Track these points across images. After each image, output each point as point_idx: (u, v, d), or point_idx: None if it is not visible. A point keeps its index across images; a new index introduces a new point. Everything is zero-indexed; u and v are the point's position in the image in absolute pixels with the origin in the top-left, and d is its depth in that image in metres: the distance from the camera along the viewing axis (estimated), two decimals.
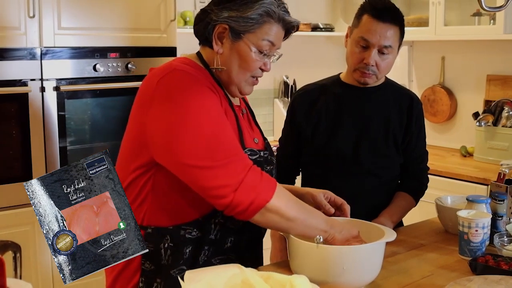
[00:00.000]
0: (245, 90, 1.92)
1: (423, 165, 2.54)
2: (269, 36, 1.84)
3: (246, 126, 1.97)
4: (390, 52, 2.31)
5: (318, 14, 5.03)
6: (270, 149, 2.05)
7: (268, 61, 1.90)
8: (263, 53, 1.85)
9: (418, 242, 2.26)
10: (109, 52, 3.37)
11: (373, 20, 2.29)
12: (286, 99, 4.84)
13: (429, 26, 4.32)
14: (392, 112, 2.43)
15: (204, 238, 1.86)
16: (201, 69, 1.86)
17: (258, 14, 1.82)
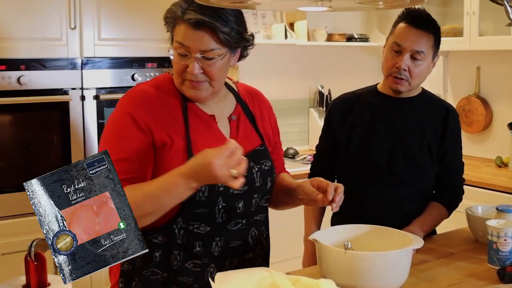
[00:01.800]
0: (188, 94, 1.90)
1: (458, 177, 2.55)
2: (178, 37, 1.83)
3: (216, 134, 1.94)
4: (423, 58, 2.34)
5: (353, 25, 5.06)
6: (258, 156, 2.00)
7: (193, 64, 1.82)
8: (180, 54, 1.84)
9: (447, 251, 2.28)
10: (147, 62, 3.46)
11: (407, 26, 2.35)
12: (321, 109, 4.87)
13: (463, 36, 4.32)
14: (427, 123, 2.45)
15: (172, 243, 1.89)
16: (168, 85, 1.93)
17: (167, 17, 1.87)
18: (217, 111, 1.99)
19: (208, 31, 1.81)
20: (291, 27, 4.61)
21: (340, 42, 4.80)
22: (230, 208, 1.91)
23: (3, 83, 3.07)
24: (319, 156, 2.62)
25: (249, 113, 2.07)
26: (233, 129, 2.00)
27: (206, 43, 1.81)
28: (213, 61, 1.83)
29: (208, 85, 1.88)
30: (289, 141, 4.85)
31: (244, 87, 2.15)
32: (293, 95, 4.88)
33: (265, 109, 2.16)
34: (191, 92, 1.88)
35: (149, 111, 1.86)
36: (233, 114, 2.02)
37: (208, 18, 1.78)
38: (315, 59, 4.94)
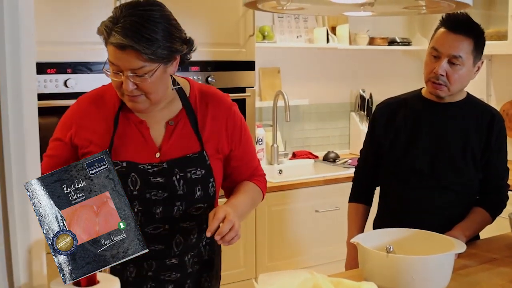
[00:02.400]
0: (129, 106, 1.93)
1: (503, 182, 2.52)
2: (109, 56, 1.84)
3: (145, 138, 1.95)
4: (461, 63, 2.32)
5: (395, 28, 5.04)
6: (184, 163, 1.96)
7: (126, 82, 1.82)
8: (113, 72, 1.84)
9: (490, 256, 2.26)
10: (190, 65, 3.50)
11: (445, 31, 2.34)
12: (362, 113, 4.86)
13: (508, 40, 4.28)
14: (471, 128, 2.43)
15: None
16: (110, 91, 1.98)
17: (98, 33, 1.86)
18: (154, 117, 1.98)
19: (133, 52, 1.79)
20: (333, 31, 4.62)
21: (382, 46, 4.79)
22: (147, 212, 1.92)
23: (50, 86, 3.14)
24: (363, 161, 2.63)
25: (193, 118, 2.02)
26: (167, 134, 1.98)
27: (133, 62, 1.80)
28: (145, 77, 1.83)
29: (145, 98, 1.88)
30: (330, 145, 4.86)
31: (201, 89, 2.09)
32: (334, 99, 4.89)
33: (222, 112, 2.07)
34: (130, 105, 1.91)
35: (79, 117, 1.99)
36: (173, 119, 2.00)
37: (130, 41, 1.76)
38: (357, 63, 4.94)
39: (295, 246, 3.96)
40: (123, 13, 1.79)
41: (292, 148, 4.67)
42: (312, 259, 3.99)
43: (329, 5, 1.40)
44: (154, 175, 1.92)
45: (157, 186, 1.92)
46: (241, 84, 3.70)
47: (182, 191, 1.95)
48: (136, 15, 1.79)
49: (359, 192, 2.63)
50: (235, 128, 2.09)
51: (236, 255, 3.74)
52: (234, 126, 2.09)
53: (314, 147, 4.80)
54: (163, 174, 1.93)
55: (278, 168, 4.37)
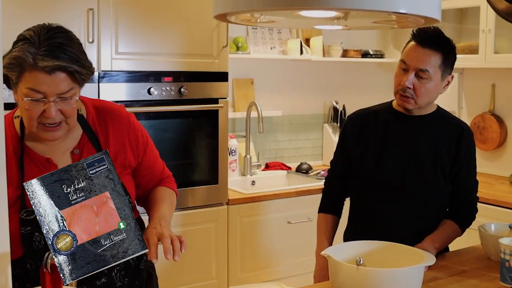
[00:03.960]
0: (45, 137, 1.84)
1: (472, 195, 2.54)
2: (31, 84, 1.73)
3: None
4: (428, 77, 2.34)
5: (369, 41, 5.08)
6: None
7: (50, 108, 1.76)
8: (34, 100, 1.75)
9: (460, 268, 2.28)
10: (163, 76, 3.49)
11: (415, 45, 2.37)
12: (335, 124, 4.89)
13: (479, 54, 4.33)
14: (441, 141, 2.45)
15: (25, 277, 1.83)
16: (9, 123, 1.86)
17: (11, 63, 1.74)
18: (57, 150, 1.91)
19: (64, 74, 1.75)
20: (306, 43, 4.64)
21: (355, 58, 4.82)
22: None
23: None
24: (333, 172, 2.64)
25: (95, 141, 1.96)
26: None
27: (63, 85, 1.76)
28: (71, 101, 1.80)
29: (65, 124, 1.83)
30: (303, 156, 4.87)
31: (95, 105, 2.03)
32: (307, 110, 4.91)
33: (122, 127, 2.03)
34: (48, 135, 1.82)
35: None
36: (76, 147, 1.94)
37: (64, 62, 1.73)
38: (330, 74, 4.97)
39: (268, 258, 3.96)
40: (43, 36, 1.75)
41: (265, 159, 4.67)
42: (284, 270, 3.99)
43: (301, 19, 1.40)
44: None
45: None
46: (214, 95, 3.70)
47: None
48: (59, 37, 1.76)
49: (329, 203, 2.64)
50: (137, 139, 2.06)
51: (208, 266, 3.72)
52: (137, 138, 2.06)
53: (287, 158, 4.81)
54: None
55: (250, 179, 4.37)
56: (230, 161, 4.17)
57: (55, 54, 1.72)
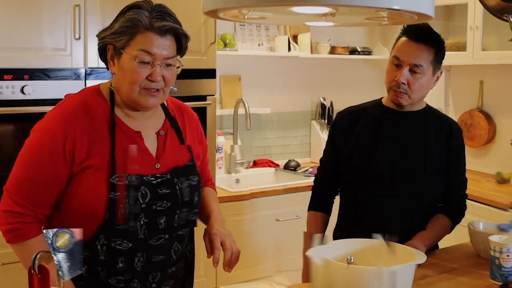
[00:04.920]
0: (143, 103, 1.91)
1: (462, 192, 2.55)
2: (142, 45, 1.84)
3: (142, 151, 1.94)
4: (422, 72, 2.35)
5: (356, 38, 5.08)
6: (183, 172, 2.01)
7: (157, 71, 1.86)
8: (144, 63, 1.85)
9: (450, 266, 2.28)
10: None
11: (407, 40, 2.37)
12: (323, 121, 4.88)
13: (466, 51, 4.34)
14: (430, 138, 2.45)
15: (94, 259, 1.89)
16: (94, 98, 1.93)
17: (125, 26, 1.85)
18: (145, 127, 1.99)
19: (172, 38, 1.89)
20: (294, 40, 4.63)
21: (343, 55, 4.82)
22: (152, 223, 1.92)
23: (6, 92, 3.07)
24: (323, 169, 2.63)
25: (177, 129, 2.07)
26: (160, 145, 2.00)
27: (170, 50, 1.88)
28: (172, 68, 1.91)
29: (162, 93, 1.92)
30: (291, 153, 4.86)
31: (173, 101, 2.16)
32: (295, 107, 4.89)
33: (193, 124, 2.16)
34: (147, 100, 1.90)
35: (73, 132, 1.86)
36: (162, 129, 2.02)
37: (175, 25, 1.88)
38: (318, 71, 4.96)
39: (256, 255, 3.94)
40: (152, 4, 1.89)
41: (253, 157, 4.65)
42: (273, 268, 3.98)
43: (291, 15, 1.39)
44: (159, 186, 1.93)
45: (163, 197, 1.93)
46: (202, 92, 3.67)
47: (184, 199, 1.99)
48: (165, 7, 1.91)
49: (319, 200, 2.63)
50: (202, 137, 2.19)
51: (196, 264, 3.68)
52: (202, 136, 2.19)
53: (275, 155, 4.79)
54: (168, 184, 1.95)
55: (235, 177, 4.34)
56: (217, 158, 4.15)
57: (167, 18, 1.87)
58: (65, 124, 1.86)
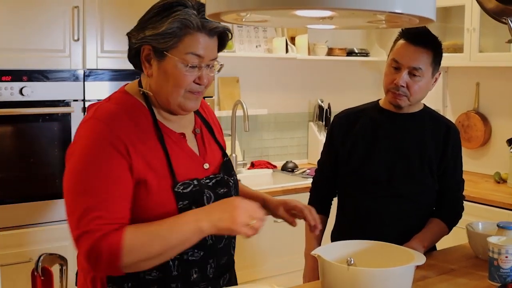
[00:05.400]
0: (187, 106, 1.82)
1: (458, 194, 2.56)
2: (192, 48, 1.75)
3: (189, 154, 1.87)
4: (421, 74, 2.36)
5: (354, 39, 5.09)
6: (228, 169, 1.97)
7: (203, 74, 1.78)
8: (191, 66, 1.76)
9: (448, 267, 2.28)
10: None
11: (406, 43, 2.37)
12: (320, 123, 4.88)
13: (464, 53, 4.35)
14: (428, 139, 2.46)
15: (167, 277, 1.79)
16: (132, 103, 1.81)
17: (175, 27, 1.73)
18: (183, 127, 1.91)
19: (216, 40, 1.81)
20: (292, 41, 4.64)
21: (340, 56, 4.82)
22: None
23: (5, 93, 3.07)
24: (321, 171, 2.64)
25: (207, 125, 2.01)
26: (200, 143, 1.94)
27: (215, 50, 1.82)
28: (213, 69, 1.83)
29: (202, 94, 1.85)
30: (288, 154, 4.86)
31: None
32: (292, 108, 4.90)
33: (215, 118, 2.11)
34: (192, 103, 1.82)
35: (125, 136, 1.72)
36: (196, 127, 1.96)
37: (223, 25, 1.79)
38: (315, 73, 4.97)
39: (254, 256, 3.94)
40: (194, 2, 1.78)
41: (251, 158, 4.66)
42: (271, 269, 3.98)
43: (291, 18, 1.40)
44: (216, 186, 1.88)
45: (221, 196, 1.86)
46: None
47: (234, 195, 1.95)
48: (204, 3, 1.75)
49: (317, 202, 2.63)
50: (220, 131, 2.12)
51: None
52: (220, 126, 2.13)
53: (273, 157, 4.80)
54: (222, 183, 1.91)
55: None
56: None
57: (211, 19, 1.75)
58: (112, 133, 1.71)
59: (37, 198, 3.19)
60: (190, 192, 1.78)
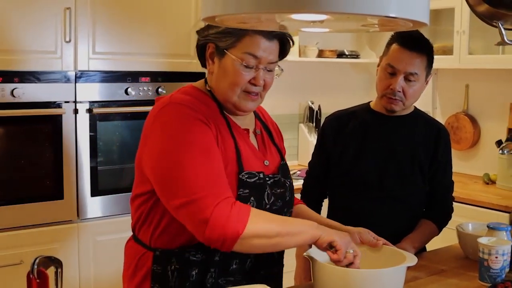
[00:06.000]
0: (243, 106, 1.89)
1: (448, 195, 2.58)
2: (250, 48, 1.82)
3: (252, 149, 1.95)
4: (417, 79, 2.37)
5: (344, 41, 5.10)
6: (284, 171, 2.03)
7: (260, 75, 1.85)
8: (248, 66, 1.83)
9: (439, 268, 2.30)
10: (140, 76, 3.47)
11: (400, 48, 2.37)
12: (311, 124, 4.90)
13: (453, 55, 4.38)
14: (419, 141, 2.48)
15: (209, 260, 1.86)
16: (200, 96, 1.89)
17: (235, 27, 1.75)
18: (246, 126, 1.99)
19: (277, 42, 1.88)
20: None
21: (331, 58, 4.83)
22: None
23: None
24: (311, 173, 2.64)
25: (267, 129, 2.09)
26: (260, 143, 2.01)
27: (274, 54, 1.88)
28: (273, 73, 1.91)
29: (260, 97, 1.92)
30: None
31: None
32: (283, 110, 4.90)
33: (274, 124, 2.21)
34: (247, 104, 1.89)
35: (204, 116, 1.81)
36: (256, 128, 2.04)
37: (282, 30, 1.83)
38: (306, 75, 4.97)
39: None
40: None
41: None
42: None
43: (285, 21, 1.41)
44: (273, 186, 1.94)
45: (277, 196, 1.93)
46: None
47: (288, 197, 2.01)
48: None
49: (308, 204, 2.64)
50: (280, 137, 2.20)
51: None
52: (281, 136, 2.21)
53: None
54: (279, 184, 1.97)
55: None
56: None
57: None
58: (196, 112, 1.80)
59: (28, 200, 3.18)
60: (253, 183, 1.86)
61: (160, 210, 1.85)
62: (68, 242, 3.27)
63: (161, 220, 1.86)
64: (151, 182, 1.81)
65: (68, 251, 3.26)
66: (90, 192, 3.33)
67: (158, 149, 1.78)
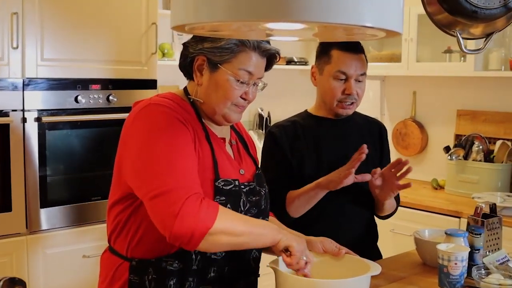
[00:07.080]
0: (231, 118, 1.94)
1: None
2: (245, 65, 1.87)
3: (228, 157, 1.97)
4: (364, 79, 2.46)
5: (293, 48, 5.12)
6: (260, 180, 2.06)
7: (250, 90, 1.91)
8: (241, 81, 1.88)
9: (398, 275, 2.31)
10: (90, 83, 3.39)
11: (345, 53, 2.41)
12: (260, 131, 4.89)
13: (401, 62, 4.44)
14: (366, 139, 2.52)
15: (187, 269, 1.86)
16: (180, 102, 1.91)
17: (232, 43, 1.85)
18: (224, 135, 2.03)
19: (265, 61, 1.94)
20: None
21: (280, 65, 4.84)
22: None
23: None
24: (277, 186, 2.45)
25: (242, 140, 2.13)
26: (235, 153, 2.05)
27: (263, 71, 1.95)
28: (258, 87, 1.96)
29: (244, 110, 1.97)
30: None
31: None
32: None
33: (248, 135, 2.23)
34: (235, 116, 1.94)
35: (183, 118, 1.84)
36: (231, 138, 2.07)
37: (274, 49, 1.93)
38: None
39: None
40: None
41: None
42: None
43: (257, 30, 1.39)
44: (250, 193, 1.96)
45: (253, 204, 1.95)
46: None
47: (263, 206, 2.04)
48: None
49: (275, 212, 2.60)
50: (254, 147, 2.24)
51: None
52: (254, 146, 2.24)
53: None
54: (255, 192, 1.99)
55: None
56: None
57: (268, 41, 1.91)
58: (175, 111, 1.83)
59: None
60: (229, 190, 1.88)
61: (138, 219, 1.85)
62: (17, 256, 3.16)
63: (138, 230, 1.86)
64: (129, 180, 1.81)
65: (17, 264, 3.16)
66: (40, 204, 3.24)
67: (138, 145, 1.79)
